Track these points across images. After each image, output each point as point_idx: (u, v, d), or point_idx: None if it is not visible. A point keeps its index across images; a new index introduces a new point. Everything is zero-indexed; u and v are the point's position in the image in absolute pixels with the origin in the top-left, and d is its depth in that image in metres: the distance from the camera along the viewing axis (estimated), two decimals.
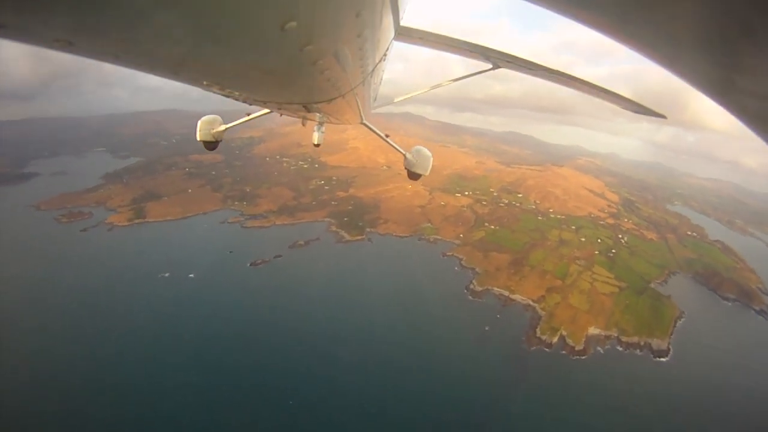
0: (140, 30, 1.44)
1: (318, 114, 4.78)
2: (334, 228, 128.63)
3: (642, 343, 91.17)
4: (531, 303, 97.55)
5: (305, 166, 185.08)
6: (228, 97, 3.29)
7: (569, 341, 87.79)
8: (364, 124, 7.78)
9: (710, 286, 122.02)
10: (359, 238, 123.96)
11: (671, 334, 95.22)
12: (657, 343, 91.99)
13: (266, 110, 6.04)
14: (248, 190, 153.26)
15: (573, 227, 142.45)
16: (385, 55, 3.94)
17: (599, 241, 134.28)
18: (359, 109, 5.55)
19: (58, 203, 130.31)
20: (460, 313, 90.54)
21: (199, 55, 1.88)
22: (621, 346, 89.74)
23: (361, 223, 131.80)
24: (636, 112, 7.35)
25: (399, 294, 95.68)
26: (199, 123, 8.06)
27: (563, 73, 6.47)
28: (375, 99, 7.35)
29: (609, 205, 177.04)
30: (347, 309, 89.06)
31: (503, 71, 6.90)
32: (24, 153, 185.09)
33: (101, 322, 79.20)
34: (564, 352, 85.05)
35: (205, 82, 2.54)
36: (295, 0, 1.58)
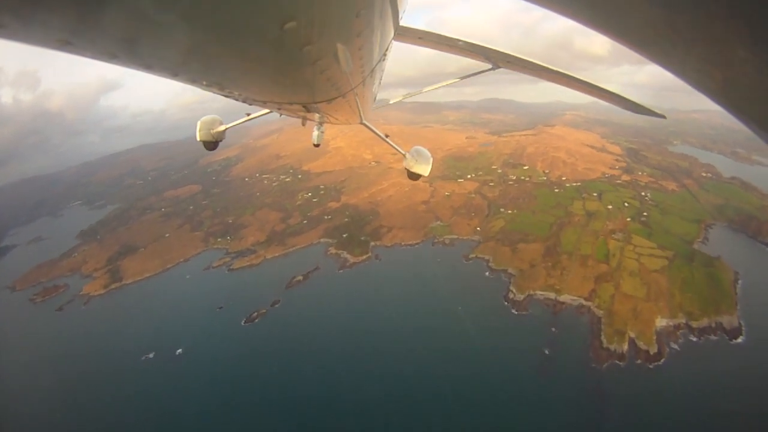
0: (139, 30, 1.41)
1: (318, 114, 4.63)
2: (333, 250, 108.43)
3: (713, 325, 75.56)
4: (584, 302, 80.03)
5: (288, 179, 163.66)
6: (227, 97, 3.19)
7: (640, 344, 71.50)
8: (364, 124, 6.96)
9: (749, 233, 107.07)
10: (365, 257, 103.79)
11: (737, 305, 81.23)
12: (728, 320, 76.55)
13: (266, 110, 5.61)
14: (230, 221, 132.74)
15: (594, 194, 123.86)
16: (384, 55, 3.83)
17: (626, 205, 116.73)
18: (359, 109, 5.10)
19: (34, 278, 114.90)
20: (509, 336, 71.85)
21: (198, 54, 1.84)
22: (694, 335, 74.03)
23: (363, 238, 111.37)
24: (636, 112, 7.52)
25: (428, 325, 76.55)
26: (199, 123, 7.27)
27: (563, 73, 6.44)
28: (375, 99, 6.80)
29: (617, 160, 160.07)
30: (369, 359, 70.31)
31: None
32: (1, 224, 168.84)
33: None
34: (639, 360, 68.41)
35: (204, 82, 2.50)
36: (295, 0, 1.55)
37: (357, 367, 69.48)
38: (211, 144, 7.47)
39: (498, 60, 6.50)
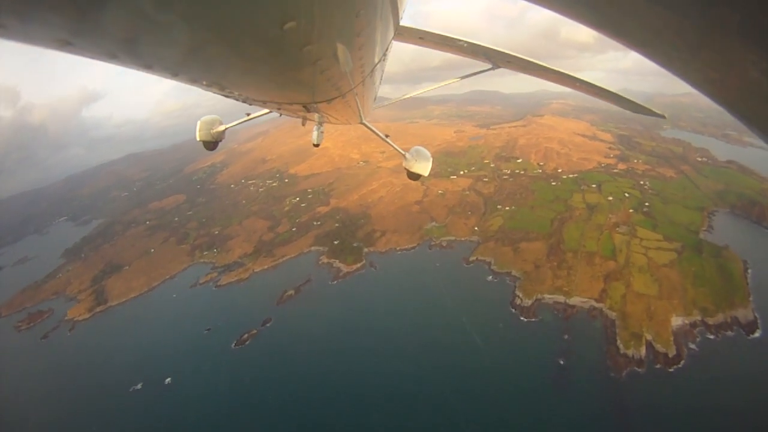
0: (140, 30, 1.40)
1: (318, 114, 4.58)
2: (325, 259, 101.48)
3: (729, 320, 71.34)
4: (595, 304, 74.82)
5: (274, 184, 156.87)
6: (228, 97, 3.18)
7: (658, 347, 66.65)
8: (364, 124, 6.90)
9: (753, 219, 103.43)
10: (359, 265, 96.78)
11: (750, 296, 77.10)
12: (742, 314, 72.38)
13: (266, 110, 5.53)
14: (216, 232, 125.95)
15: (593, 185, 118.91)
16: (384, 54, 3.81)
17: (627, 195, 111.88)
18: (359, 109, 5.07)
19: (19, 303, 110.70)
20: (520, 346, 66.35)
21: (199, 54, 1.83)
22: (711, 333, 69.59)
23: (355, 244, 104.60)
24: (636, 112, 7.43)
25: (431, 339, 70.49)
26: (199, 123, 7.17)
27: (564, 73, 6.35)
28: (375, 99, 6.81)
29: (610, 148, 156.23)
30: (370, 379, 64.43)
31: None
32: None
33: None
34: (658, 365, 63.88)
35: (204, 82, 2.50)
36: (295, 0, 1.54)
37: (358, 388, 63.52)
38: (211, 144, 7.29)
39: (498, 60, 6.38)
